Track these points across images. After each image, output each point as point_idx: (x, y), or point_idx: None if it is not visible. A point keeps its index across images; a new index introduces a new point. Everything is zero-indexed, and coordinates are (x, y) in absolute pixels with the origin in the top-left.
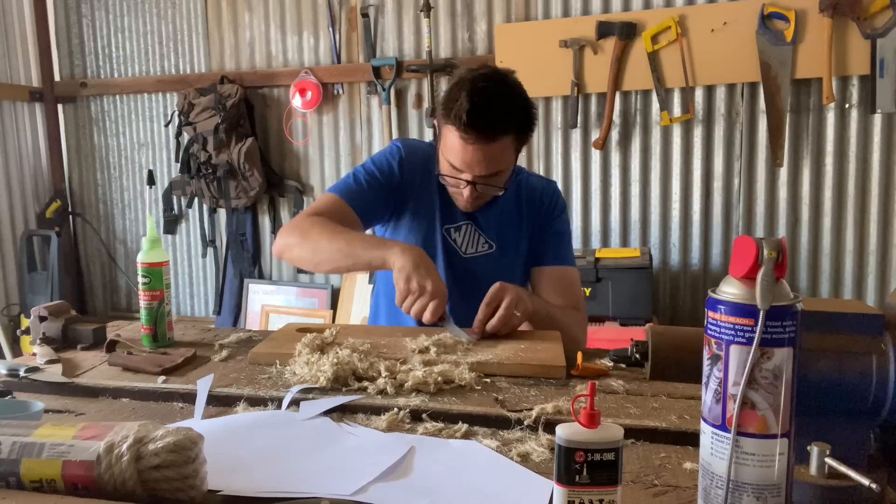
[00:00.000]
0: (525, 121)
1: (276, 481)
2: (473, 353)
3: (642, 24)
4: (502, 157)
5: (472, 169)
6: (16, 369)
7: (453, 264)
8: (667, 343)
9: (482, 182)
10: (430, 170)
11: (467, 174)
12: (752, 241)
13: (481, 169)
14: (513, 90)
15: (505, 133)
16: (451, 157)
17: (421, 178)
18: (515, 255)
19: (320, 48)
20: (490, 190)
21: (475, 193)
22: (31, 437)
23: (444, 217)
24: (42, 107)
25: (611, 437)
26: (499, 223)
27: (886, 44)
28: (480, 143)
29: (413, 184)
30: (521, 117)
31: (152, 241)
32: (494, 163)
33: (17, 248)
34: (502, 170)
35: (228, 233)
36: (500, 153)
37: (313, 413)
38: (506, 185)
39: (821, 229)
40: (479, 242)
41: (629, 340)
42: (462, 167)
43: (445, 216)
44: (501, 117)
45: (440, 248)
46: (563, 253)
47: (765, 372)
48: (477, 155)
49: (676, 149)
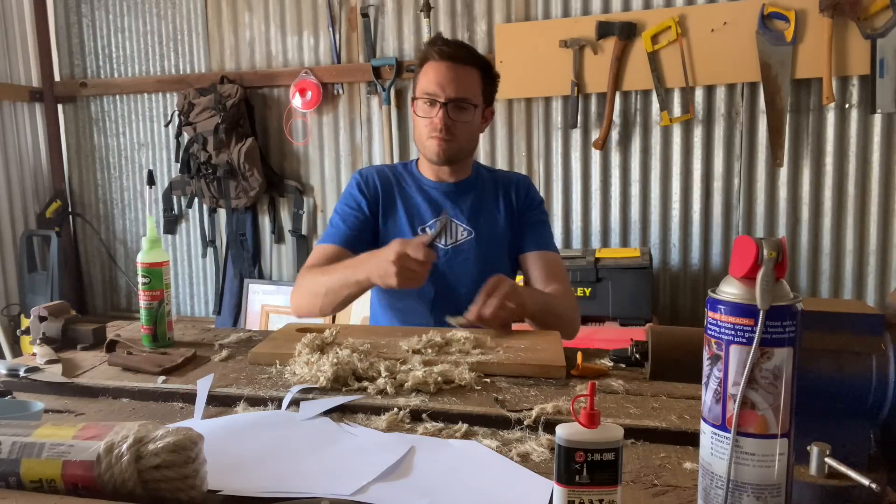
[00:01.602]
0: (488, 66)
1: (276, 481)
2: (473, 353)
3: (642, 24)
4: (470, 84)
5: (445, 89)
6: (16, 369)
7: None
8: (667, 343)
9: (453, 104)
10: (391, 182)
11: (441, 95)
12: (752, 241)
13: (452, 89)
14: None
15: (471, 63)
16: (427, 85)
17: (384, 193)
18: (494, 237)
19: (320, 48)
20: (460, 116)
21: (447, 120)
22: (31, 437)
23: (416, 219)
24: (42, 107)
25: (611, 437)
26: (472, 209)
27: (886, 44)
28: (451, 62)
29: (377, 201)
30: (485, 61)
31: (152, 241)
32: (463, 86)
33: (17, 248)
34: (470, 99)
35: (228, 233)
36: (468, 79)
37: (313, 413)
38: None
39: (821, 229)
40: (457, 232)
41: (629, 340)
42: (436, 89)
43: (417, 218)
44: (469, 50)
45: None
46: (545, 240)
47: (765, 372)
48: (449, 74)
49: (676, 149)
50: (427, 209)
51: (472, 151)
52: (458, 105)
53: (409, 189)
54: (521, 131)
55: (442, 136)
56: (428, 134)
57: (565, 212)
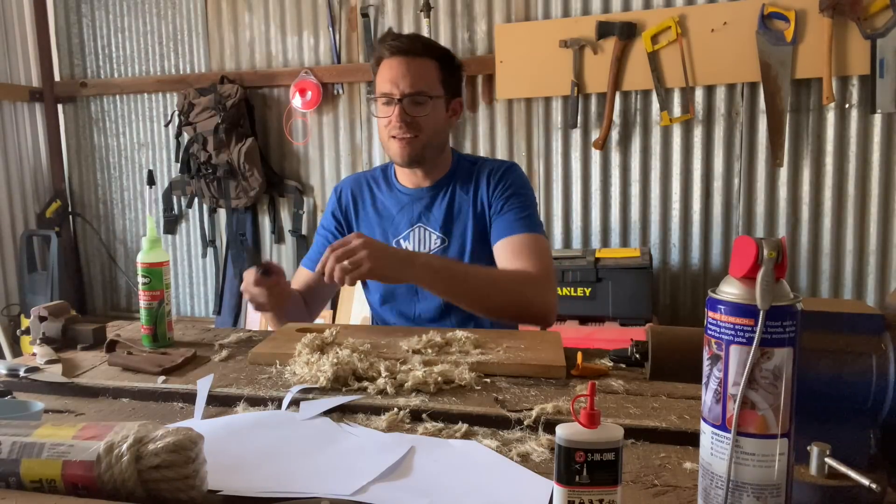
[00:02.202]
0: (446, 55)
1: (276, 481)
2: (473, 353)
3: (642, 24)
4: (425, 77)
5: (398, 84)
6: (16, 369)
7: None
8: (667, 343)
9: (409, 99)
10: (365, 193)
11: (396, 92)
12: (752, 241)
13: (406, 84)
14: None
15: (425, 54)
16: (381, 84)
17: (357, 207)
18: (466, 242)
19: (320, 48)
20: (418, 111)
21: (405, 116)
22: (31, 437)
23: (391, 231)
24: (42, 107)
25: (611, 437)
26: (445, 215)
27: (886, 44)
28: (403, 56)
29: (350, 217)
30: (441, 50)
31: (152, 241)
32: (418, 79)
33: (17, 248)
34: (425, 92)
35: (228, 233)
36: (423, 71)
37: (313, 413)
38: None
39: (821, 229)
40: (430, 240)
41: (629, 340)
42: (390, 87)
43: (391, 229)
44: (421, 41)
45: None
46: (512, 224)
47: (765, 372)
48: (401, 69)
49: (676, 149)
50: (401, 219)
51: (441, 148)
52: (414, 100)
53: (384, 197)
54: (521, 131)
55: (401, 133)
56: (388, 134)
57: (565, 212)
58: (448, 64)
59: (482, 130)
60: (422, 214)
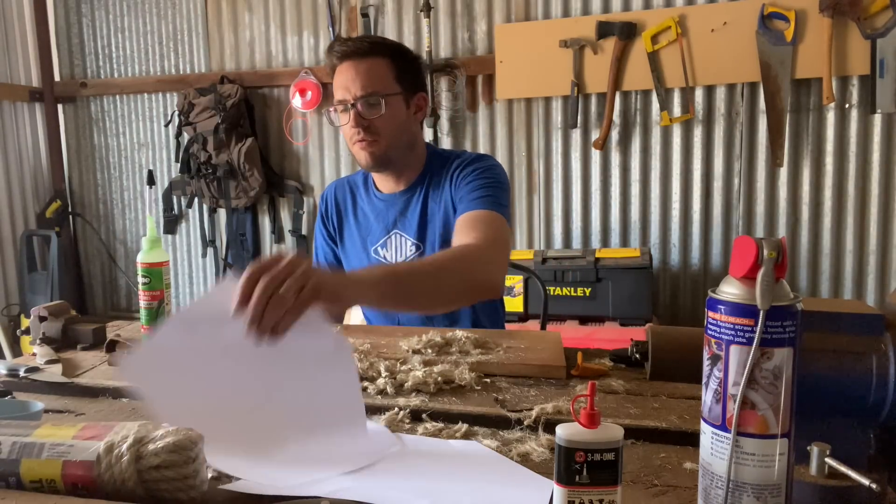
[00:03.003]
0: (398, 51)
1: (275, 473)
2: (473, 353)
3: (642, 24)
4: (376, 77)
5: (350, 89)
6: (16, 369)
7: None
8: (667, 343)
9: (362, 102)
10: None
11: (348, 97)
12: (752, 241)
13: (356, 87)
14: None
15: (374, 53)
16: (336, 91)
17: (339, 214)
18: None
19: (320, 48)
20: (373, 112)
21: (360, 121)
22: (31, 437)
23: (369, 239)
24: (42, 107)
25: (611, 437)
26: (419, 220)
27: (886, 44)
28: (351, 60)
29: (335, 223)
30: (393, 46)
31: (152, 241)
32: (368, 80)
33: (17, 248)
34: (378, 92)
35: (228, 233)
36: (373, 71)
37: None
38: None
39: (821, 229)
40: (406, 247)
41: (629, 340)
42: (343, 92)
43: (370, 237)
44: (368, 40)
45: None
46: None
47: (765, 372)
48: (350, 72)
49: (676, 149)
50: (378, 226)
51: (409, 147)
52: (367, 101)
53: (363, 204)
54: (521, 131)
55: (361, 137)
56: (350, 140)
57: (565, 212)
58: (402, 59)
59: (482, 130)
60: (397, 220)
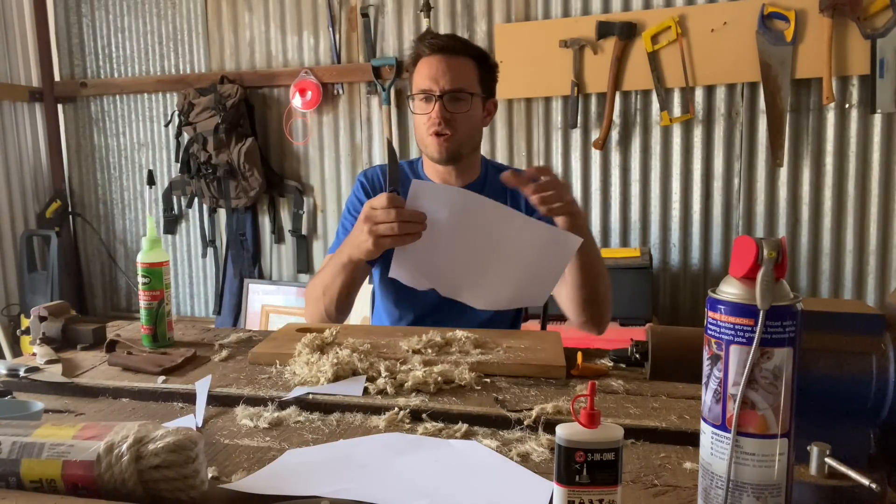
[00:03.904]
0: (483, 55)
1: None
2: (473, 353)
3: (642, 24)
4: (464, 75)
5: (438, 81)
6: (16, 369)
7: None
8: (667, 343)
9: (449, 96)
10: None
11: (436, 89)
12: (752, 241)
13: (446, 81)
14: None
15: (464, 53)
16: (420, 81)
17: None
18: None
19: (320, 48)
20: (458, 108)
21: (444, 113)
22: (31, 437)
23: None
24: (42, 107)
25: (611, 437)
26: None
27: (886, 44)
28: (443, 55)
29: None
30: (480, 50)
31: (152, 241)
32: (458, 76)
33: (17, 248)
34: (465, 89)
35: (228, 233)
36: (462, 69)
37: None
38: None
39: (821, 229)
40: None
41: (629, 340)
42: (430, 84)
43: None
44: (460, 40)
45: None
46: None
47: (765, 372)
48: (441, 66)
49: (676, 149)
50: None
51: (476, 147)
52: (454, 96)
53: None
54: (521, 131)
55: (440, 129)
56: (427, 131)
57: None
58: (484, 64)
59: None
60: None
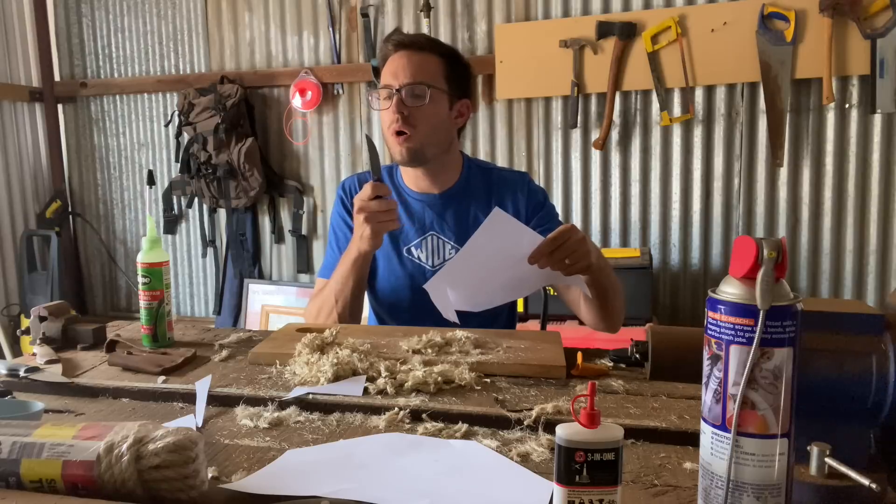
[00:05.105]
0: (453, 53)
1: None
2: (473, 353)
3: (642, 24)
4: (425, 70)
5: (398, 76)
6: (16, 369)
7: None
8: (667, 343)
9: (407, 90)
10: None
11: (395, 83)
12: (752, 241)
13: (406, 74)
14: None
15: (430, 50)
16: (384, 77)
17: None
18: None
19: (320, 48)
20: (413, 102)
21: (401, 107)
22: (31, 437)
23: (402, 238)
24: (42, 107)
25: (611, 437)
26: (459, 223)
27: (886, 44)
28: (406, 50)
29: None
30: (448, 48)
31: (152, 241)
32: (418, 70)
33: (17, 248)
34: (426, 82)
35: (228, 233)
36: (424, 64)
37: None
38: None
39: (821, 229)
40: (445, 250)
41: (629, 340)
42: (390, 79)
43: (402, 237)
44: (427, 37)
45: (402, 272)
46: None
47: (765, 372)
48: (402, 61)
49: (676, 149)
50: (410, 226)
51: (445, 149)
52: (412, 90)
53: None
54: (521, 131)
55: (399, 127)
56: (388, 130)
57: (565, 212)
58: (454, 63)
59: (482, 130)
60: (434, 222)
